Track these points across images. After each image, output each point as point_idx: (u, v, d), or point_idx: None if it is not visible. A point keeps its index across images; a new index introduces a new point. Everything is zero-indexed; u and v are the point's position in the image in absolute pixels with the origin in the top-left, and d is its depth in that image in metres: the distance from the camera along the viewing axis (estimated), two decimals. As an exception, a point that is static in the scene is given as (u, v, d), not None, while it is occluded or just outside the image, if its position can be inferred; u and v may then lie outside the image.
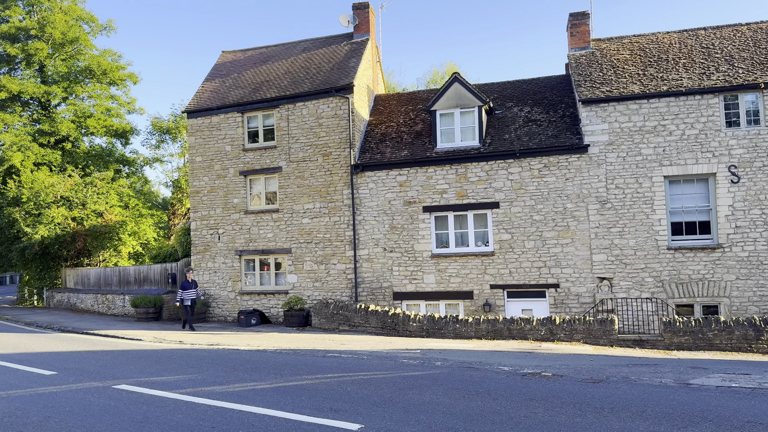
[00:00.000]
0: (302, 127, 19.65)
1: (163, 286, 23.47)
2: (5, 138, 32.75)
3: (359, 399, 7.12)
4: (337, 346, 13.71)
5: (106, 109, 36.35)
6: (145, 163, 37.86)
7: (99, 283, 28.20)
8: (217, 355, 12.27)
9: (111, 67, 35.73)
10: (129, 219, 31.97)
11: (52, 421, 6.53)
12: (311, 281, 19.30)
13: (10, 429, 6.30)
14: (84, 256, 33.05)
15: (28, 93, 33.19)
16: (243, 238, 20.35)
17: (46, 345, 14.80)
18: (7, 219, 31.12)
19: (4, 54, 34.41)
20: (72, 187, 31.77)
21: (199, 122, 21.18)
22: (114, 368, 10.41)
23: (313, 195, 19.38)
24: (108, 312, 25.61)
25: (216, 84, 22.30)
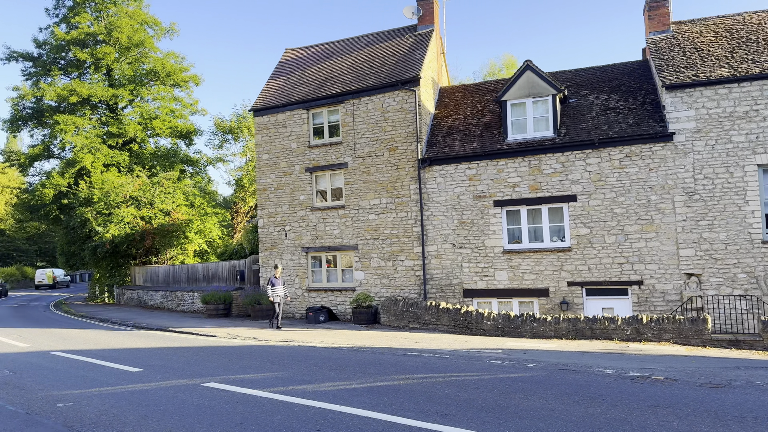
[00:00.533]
0: (367, 122, 19.36)
1: (231, 283, 23.73)
2: (77, 140, 34.01)
3: (463, 403, 6.70)
4: (411, 344, 13.33)
5: (170, 111, 37.25)
6: (208, 163, 38.61)
7: (168, 281, 28.85)
8: (295, 352, 12.10)
9: (174, 69, 36.56)
10: (195, 217, 32.61)
11: (149, 421, 6.41)
12: (378, 278, 19.01)
13: (109, 429, 6.21)
14: (152, 254, 33.97)
15: (97, 96, 34.35)
16: (309, 235, 20.26)
17: (124, 341, 15.05)
18: (80, 219, 32.30)
19: (74, 59, 35.74)
20: (140, 187, 32.67)
21: (265, 120, 21.23)
22: (197, 365, 10.36)
23: (380, 190, 19.07)
24: (177, 309, 26.14)
25: (281, 82, 22.31)
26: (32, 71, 36.54)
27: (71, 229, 33.65)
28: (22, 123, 36.68)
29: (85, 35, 34.49)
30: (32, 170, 38.28)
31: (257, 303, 20.21)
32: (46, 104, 36.05)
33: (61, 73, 36.01)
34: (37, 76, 36.14)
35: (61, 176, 34.08)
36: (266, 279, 20.87)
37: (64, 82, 35.79)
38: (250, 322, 19.63)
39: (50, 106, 36.00)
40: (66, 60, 36.37)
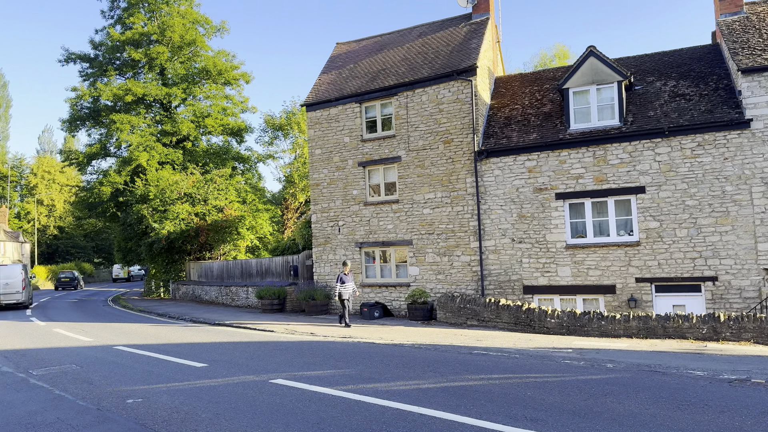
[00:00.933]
0: (422, 114, 18.94)
1: (284, 279, 23.75)
2: (132, 139, 34.81)
3: (551, 407, 6.24)
4: (473, 342, 12.88)
5: (222, 109, 37.72)
6: (258, 159, 38.97)
7: (222, 276, 29.18)
8: (355, 348, 11.84)
9: (225, 67, 36.98)
10: (247, 214, 32.92)
11: (222, 420, 6.21)
12: (434, 274, 18.59)
13: (183, 427, 6.04)
14: (205, 249, 34.50)
15: (151, 95, 35.06)
16: (363, 230, 20.02)
17: (184, 336, 15.14)
18: (136, 215, 33.07)
19: (128, 59, 36.58)
20: (194, 184, 33.20)
21: (318, 115, 21.08)
22: (260, 361, 10.21)
23: (434, 184, 18.63)
24: (231, 303, 26.39)
25: (332, 76, 22.13)
26: (89, 72, 37.62)
27: (128, 225, 34.51)
28: (80, 123, 37.82)
29: (139, 35, 35.24)
30: (90, 168, 39.47)
31: (311, 298, 20.12)
32: (103, 104, 37.06)
33: (117, 73, 36.93)
34: (93, 76, 37.19)
35: (118, 174, 34.97)
36: (322, 274, 20.78)
37: (120, 82, 36.71)
38: (304, 317, 19.54)
39: (106, 106, 36.99)
40: (121, 60, 37.28)
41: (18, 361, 11.49)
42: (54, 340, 14.91)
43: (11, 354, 12.57)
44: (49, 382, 8.93)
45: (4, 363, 11.25)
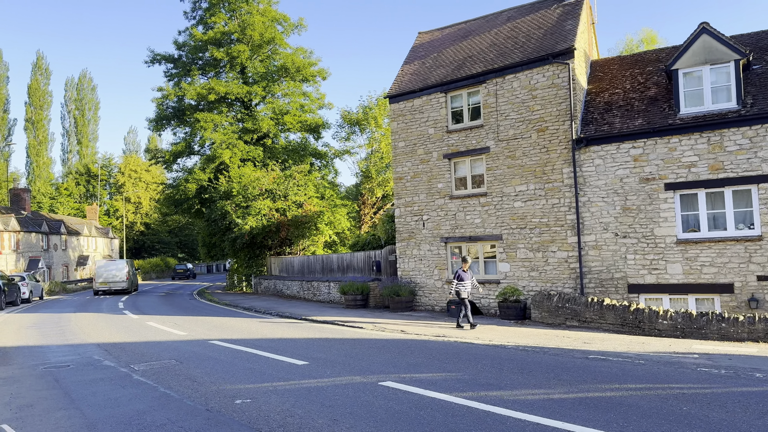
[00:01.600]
0: (512, 101, 17.98)
1: (366, 274, 23.42)
2: (215, 137, 35.62)
3: (722, 426, 5.35)
4: (580, 345, 11.92)
5: (299, 106, 37.98)
6: (335, 155, 38.98)
7: (303, 271, 29.29)
8: (455, 348, 11.19)
9: (303, 64, 37.17)
10: (325, 209, 32.96)
11: (341, 426, 5.74)
12: (526, 270, 17.62)
13: (301, 432, 5.60)
14: (285, 245, 34.87)
15: (233, 94, 35.73)
16: (448, 225, 19.30)
17: (275, 331, 14.99)
18: (220, 211, 33.83)
19: (210, 59, 37.45)
20: (274, 180, 33.57)
21: (401, 106, 20.52)
22: (361, 360, 9.76)
23: (526, 176, 17.63)
24: (313, 298, 26.38)
25: (415, 66, 21.50)
26: (173, 72, 38.83)
27: (212, 221, 35.39)
28: (165, 122, 39.14)
29: (221, 34, 35.97)
30: (175, 166, 40.82)
31: (396, 295, 19.63)
32: (187, 103, 38.18)
33: (200, 73, 37.91)
34: (178, 76, 38.35)
35: (202, 171, 35.92)
36: (406, 270, 20.25)
37: (203, 82, 37.66)
38: (389, 314, 19.08)
39: (190, 105, 38.07)
40: (203, 60, 38.23)
41: (118, 355, 11.61)
42: (149, 334, 15.15)
43: (111, 347, 12.77)
44: (153, 379, 8.83)
45: (105, 357, 11.39)
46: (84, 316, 21.61)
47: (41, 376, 9.57)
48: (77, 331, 16.37)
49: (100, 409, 7.02)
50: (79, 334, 15.54)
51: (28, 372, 10.02)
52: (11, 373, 10.00)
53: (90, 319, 20.26)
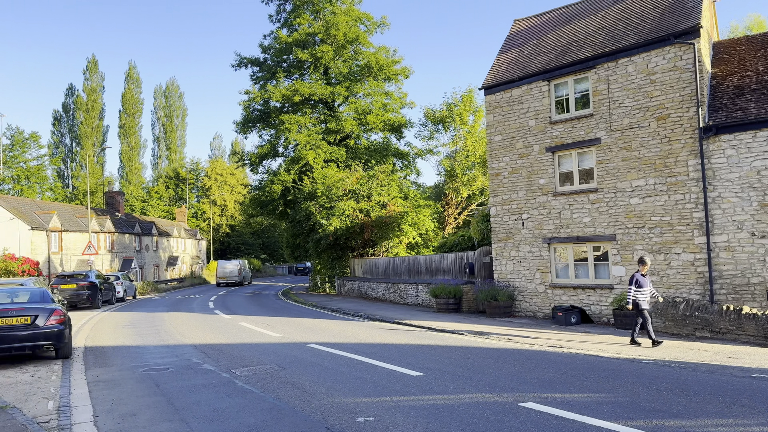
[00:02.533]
0: (627, 87, 16.29)
1: (456, 277, 22.26)
2: (300, 138, 35.60)
3: None
4: (725, 359, 10.28)
5: (382, 105, 37.34)
6: (418, 155, 38.06)
7: (388, 273, 28.51)
8: (583, 362, 9.87)
9: (386, 62, 36.52)
10: (409, 209, 32.09)
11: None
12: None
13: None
14: (368, 246, 34.26)
15: (317, 95, 35.58)
16: (552, 224, 17.82)
17: (372, 335, 14.16)
18: (304, 212, 33.70)
19: (295, 60, 37.54)
20: (358, 180, 33.06)
21: (497, 98, 19.25)
22: (481, 373, 8.68)
23: (644, 169, 15.89)
24: (400, 301, 25.50)
25: (513, 55, 20.16)
26: (259, 75, 39.25)
27: (296, 222, 35.37)
28: (251, 124, 39.64)
29: (305, 36, 35.95)
30: (260, 168, 41.28)
31: (493, 299, 18.36)
32: (272, 105, 38.48)
33: (285, 75, 38.08)
34: (263, 79, 38.72)
35: (287, 173, 35.98)
36: (503, 273, 18.93)
37: (287, 84, 37.81)
38: (486, 319, 17.85)
39: (275, 107, 38.33)
40: (288, 62, 38.41)
41: (217, 357, 11.12)
42: (243, 335, 14.73)
43: (208, 349, 12.36)
44: (258, 386, 8.15)
45: (204, 360, 10.92)
46: (177, 316, 21.76)
47: (141, 379, 9.14)
48: (172, 331, 16.25)
49: (207, 423, 6.34)
50: (175, 335, 15.37)
51: (127, 375, 9.65)
52: (111, 375, 9.67)
53: (183, 319, 20.31)
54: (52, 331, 10.97)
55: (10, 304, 11.38)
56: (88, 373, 9.91)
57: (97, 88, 74.14)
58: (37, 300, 11.84)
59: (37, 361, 11.45)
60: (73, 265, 38.97)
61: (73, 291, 26.40)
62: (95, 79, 74.25)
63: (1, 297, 11.77)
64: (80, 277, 27.50)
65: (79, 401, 7.72)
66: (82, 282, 26.96)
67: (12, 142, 58.08)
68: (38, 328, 10.84)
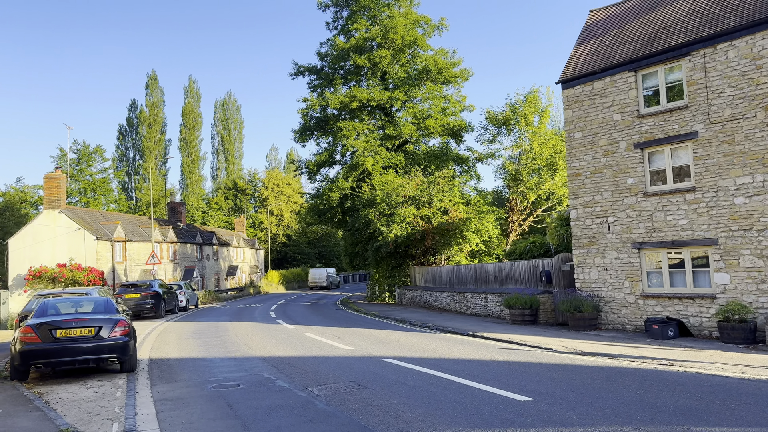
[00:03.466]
0: (728, 75, 14.62)
1: (530, 286, 20.79)
2: (358, 144, 34.92)
3: None
4: None
5: (441, 109, 36.26)
6: (479, 159, 36.69)
7: (452, 281, 27.27)
8: (710, 384, 8.42)
9: (445, 65, 35.47)
10: (472, 216, 30.79)
11: None
12: (753, 283, 14.08)
13: None
14: (429, 254, 33.12)
15: (375, 100, 34.84)
16: (642, 227, 16.21)
17: (450, 349, 13.01)
18: (364, 220, 32.88)
19: (352, 67, 36.99)
20: (418, 186, 32.03)
21: (577, 92, 17.84)
22: (599, 398, 7.42)
23: (751, 165, 14.15)
24: (466, 311, 24.22)
25: (592, 46, 18.72)
26: (316, 83, 38.94)
27: (355, 230, 34.62)
28: (308, 132, 39.31)
29: (363, 41, 35.36)
30: (318, 176, 40.86)
31: (577, 310, 16.86)
32: (329, 113, 38.04)
33: (342, 82, 37.59)
34: (321, 87, 38.37)
35: (345, 180, 35.34)
36: (586, 281, 17.42)
37: (344, 91, 37.29)
38: (570, 332, 16.39)
39: (332, 115, 37.87)
40: (345, 69, 37.92)
41: (289, 372, 10.25)
42: (312, 347, 13.86)
43: (278, 363, 11.52)
44: (342, 408, 7.18)
45: (275, 375, 10.06)
46: (240, 326, 21.24)
47: (211, 398, 8.34)
48: (238, 342, 15.59)
49: (293, 456, 5.38)
50: (241, 346, 14.68)
51: (196, 392, 8.88)
52: (179, 392, 8.92)
53: (247, 329, 19.73)
54: (117, 343, 10.38)
55: (74, 314, 10.89)
56: (154, 390, 9.22)
57: (159, 102, 76.26)
58: (101, 310, 11.32)
59: (101, 374, 10.91)
60: (137, 275, 39.52)
61: (137, 300, 26.40)
62: (156, 94, 76.45)
63: (65, 307, 11.31)
64: (144, 286, 27.53)
65: (146, 424, 6.96)
66: (146, 291, 26.96)
67: (78, 156, 60.17)
68: (102, 339, 10.27)
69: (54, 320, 10.21)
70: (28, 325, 10.02)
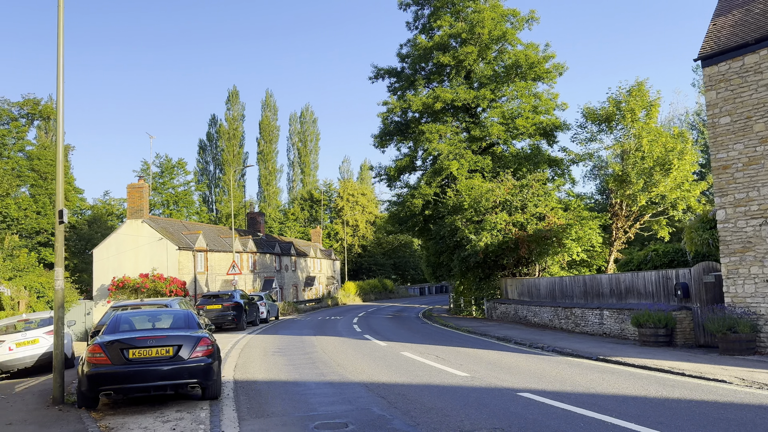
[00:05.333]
0: None
1: (661, 300, 17.78)
2: (442, 147, 32.82)
3: None
4: None
5: (531, 107, 33.54)
6: (576, 160, 33.58)
7: (553, 295, 24.49)
8: None
9: (537, 60, 32.80)
10: (573, 221, 27.87)
11: None
12: None
13: None
14: (522, 264, 30.39)
15: (460, 100, 32.66)
16: (816, 230, 13.08)
17: (591, 379, 10.55)
18: (449, 227, 30.64)
19: (434, 67, 35.04)
20: (509, 191, 29.48)
21: (722, 69, 14.94)
22: None
23: None
24: (575, 329, 21.41)
25: (735, 16, 15.76)
26: (396, 86, 37.29)
27: (439, 239, 32.43)
28: (388, 137, 37.63)
29: (447, 38, 33.37)
30: (398, 183, 39.01)
31: (731, 330, 13.86)
32: (410, 116, 36.22)
33: (424, 83, 35.73)
34: (401, 89, 36.66)
35: (428, 186, 33.31)
36: (739, 295, 14.39)
37: (426, 92, 35.36)
38: (721, 356, 13.47)
39: (413, 118, 36.03)
40: (427, 70, 36.07)
41: (405, 408, 8.20)
42: (418, 372, 11.75)
43: (386, 392, 9.50)
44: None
45: (389, 411, 8.03)
46: (327, 341, 19.53)
47: (318, 445, 6.39)
48: (329, 362, 13.75)
49: None
50: (334, 367, 12.82)
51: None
52: (275, 432, 7.05)
53: (335, 345, 17.95)
54: (198, 365, 8.70)
55: (151, 330, 9.37)
56: (243, 427, 7.41)
57: (238, 117, 77.53)
58: (180, 325, 9.73)
59: (179, 402, 9.29)
60: (218, 285, 39.02)
61: (219, 312, 25.36)
62: (236, 109, 77.77)
63: (141, 321, 9.83)
64: (225, 297, 26.52)
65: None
66: (228, 302, 25.91)
67: (161, 169, 61.46)
68: (182, 361, 8.63)
69: (127, 338, 8.69)
70: (97, 343, 8.53)
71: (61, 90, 9.70)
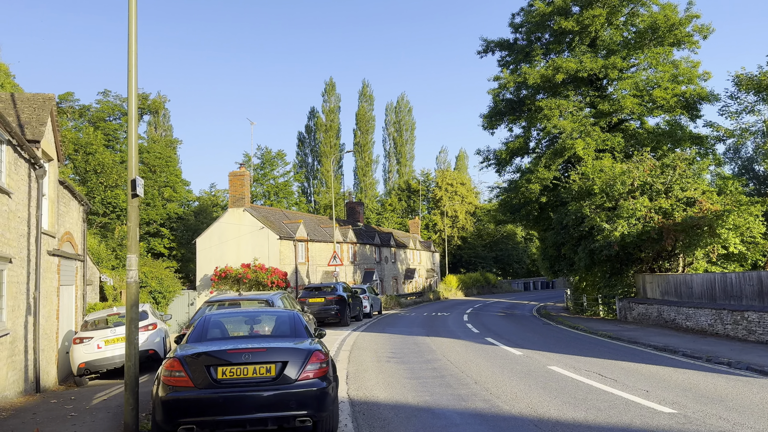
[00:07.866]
0: None
1: None
2: (564, 125, 28.94)
3: None
4: None
5: (671, 77, 28.87)
6: (724, 136, 28.58)
7: (712, 295, 20.25)
8: None
9: (678, 21, 28.08)
10: (731, 207, 23.24)
11: None
12: None
13: None
14: (663, 258, 26.02)
15: (585, 70, 28.65)
16: None
17: None
18: (574, 215, 26.82)
19: (555, 34, 31.15)
20: (649, 172, 25.24)
21: None
22: None
23: None
24: (749, 337, 17.21)
25: None
26: (508, 59, 33.79)
27: (561, 228, 28.66)
28: (498, 117, 34.21)
29: (570, 0, 29.37)
30: (509, 167, 35.51)
31: None
32: (524, 94, 32.59)
33: (542, 53, 31.93)
34: (514, 63, 33.11)
35: (547, 169, 29.58)
36: None
37: (543, 64, 31.57)
38: None
39: (528, 95, 32.38)
40: (544, 39, 32.25)
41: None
42: (593, 401, 8.67)
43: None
44: None
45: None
46: (444, 344, 16.87)
47: None
48: (461, 377, 11.00)
49: None
50: (471, 385, 10.06)
51: None
52: None
53: (456, 350, 15.24)
54: (310, 390, 6.20)
55: (246, 340, 7.02)
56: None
57: (335, 108, 76.67)
58: (285, 332, 7.29)
59: (284, 436, 6.90)
60: (318, 276, 37.51)
61: (321, 306, 23.41)
62: (333, 101, 76.91)
63: (236, 324, 7.50)
64: (328, 290, 24.57)
65: None
66: (330, 296, 23.92)
67: (262, 160, 61.45)
68: (288, 384, 6.17)
69: (215, 350, 6.33)
70: (176, 357, 6.22)
71: (133, 36, 7.63)
